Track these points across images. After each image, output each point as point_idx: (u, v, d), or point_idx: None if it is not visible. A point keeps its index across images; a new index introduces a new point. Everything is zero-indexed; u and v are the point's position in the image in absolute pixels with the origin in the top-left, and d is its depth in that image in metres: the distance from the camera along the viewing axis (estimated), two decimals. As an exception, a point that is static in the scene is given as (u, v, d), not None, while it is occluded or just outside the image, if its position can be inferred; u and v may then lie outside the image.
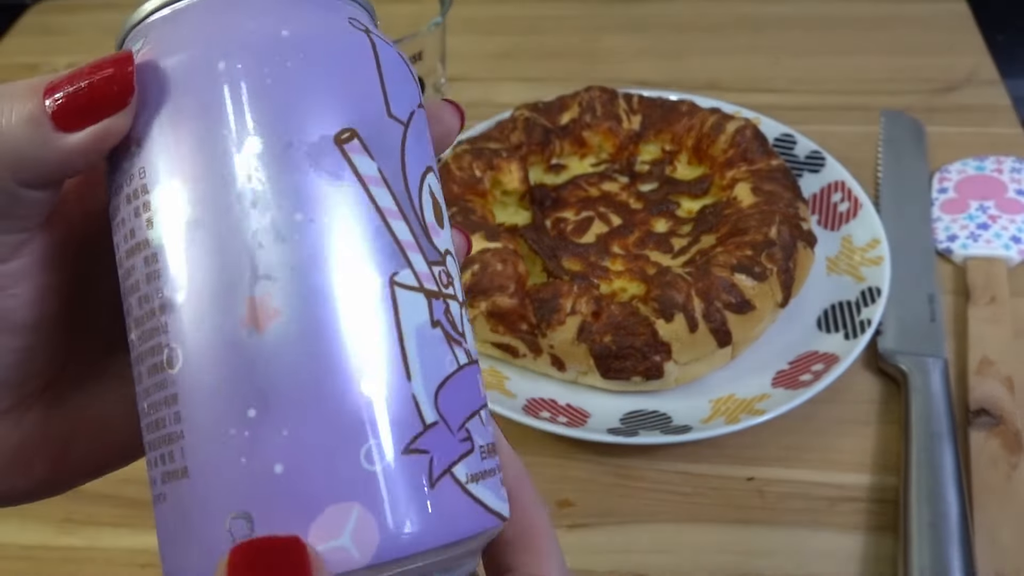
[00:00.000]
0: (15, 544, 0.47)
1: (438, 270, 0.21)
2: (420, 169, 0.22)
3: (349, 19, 0.22)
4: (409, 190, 0.21)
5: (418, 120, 0.23)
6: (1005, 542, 0.43)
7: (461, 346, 0.22)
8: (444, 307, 0.21)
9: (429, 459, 0.20)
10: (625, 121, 0.62)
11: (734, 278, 0.49)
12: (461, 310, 0.22)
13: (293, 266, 0.19)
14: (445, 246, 0.22)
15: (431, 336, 0.21)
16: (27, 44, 0.86)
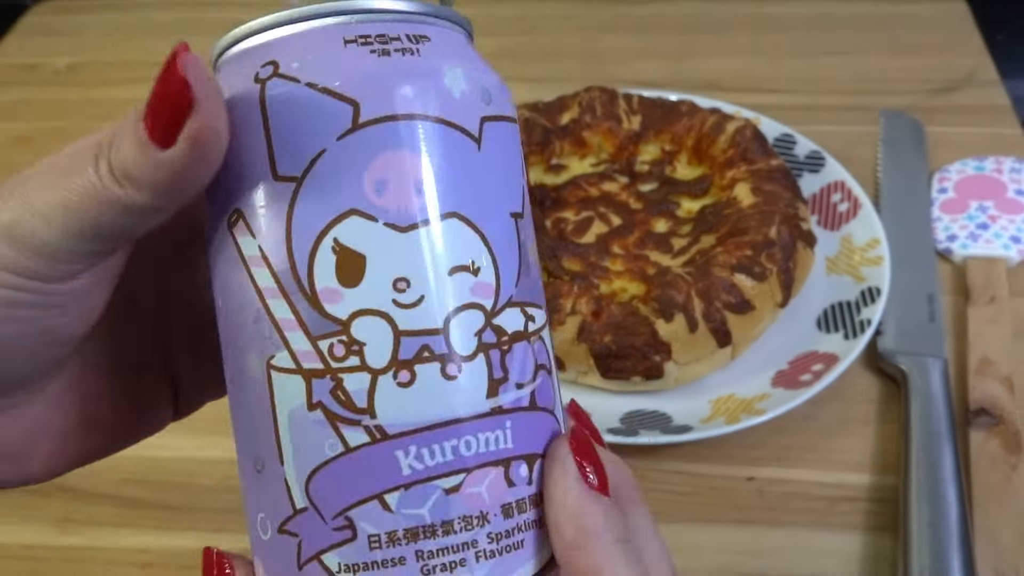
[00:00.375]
0: (16, 544, 0.47)
1: (327, 344, 0.20)
2: (319, 225, 0.20)
3: (259, 69, 0.20)
4: (293, 260, 0.20)
5: (336, 157, 0.20)
6: (1005, 542, 0.43)
7: (358, 425, 0.20)
8: (331, 385, 0.20)
9: (298, 542, 0.20)
10: (625, 121, 0.62)
11: (734, 278, 0.49)
12: (374, 380, 0.20)
13: (216, 351, 0.22)
14: (354, 307, 0.20)
15: (307, 420, 0.20)
16: (27, 44, 0.86)
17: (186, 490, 0.49)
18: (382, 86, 0.20)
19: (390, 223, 0.20)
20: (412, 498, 0.20)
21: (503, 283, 0.21)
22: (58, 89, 0.79)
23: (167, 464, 0.50)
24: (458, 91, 0.21)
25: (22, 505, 0.48)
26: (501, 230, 0.21)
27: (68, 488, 0.49)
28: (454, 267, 0.20)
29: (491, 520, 0.20)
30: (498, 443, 0.20)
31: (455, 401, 0.20)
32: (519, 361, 0.21)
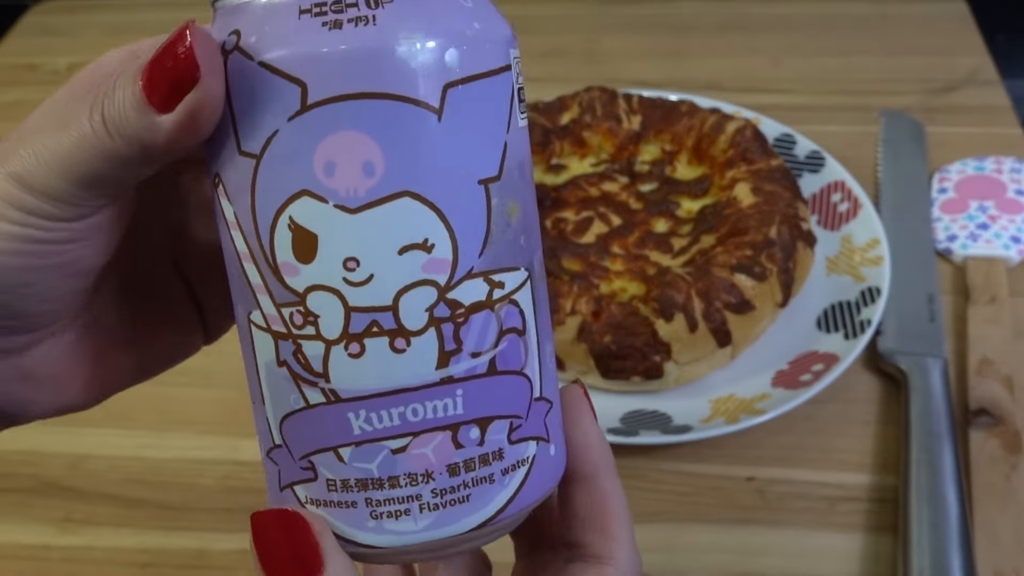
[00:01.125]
0: (15, 544, 0.47)
1: (289, 312, 0.21)
2: (276, 202, 0.20)
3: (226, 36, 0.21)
4: (258, 231, 0.21)
5: (287, 138, 0.20)
6: (1005, 542, 0.43)
7: (315, 386, 0.21)
8: (293, 348, 0.21)
9: (278, 470, 0.23)
10: (625, 121, 0.62)
11: (734, 278, 0.49)
12: (328, 349, 0.21)
13: None
14: (309, 282, 0.21)
15: (277, 373, 0.22)
16: (27, 44, 0.86)
17: (185, 490, 0.49)
18: (329, 65, 0.20)
19: (339, 204, 0.20)
20: (362, 454, 0.21)
21: (462, 256, 0.21)
22: (57, 89, 0.79)
23: (166, 464, 0.50)
24: (415, 62, 0.20)
25: (21, 505, 0.48)
26: (464, 201, 0.21)
27: (67, 488, 0.49)
28: (405, 246, 0.20)
29: (436, 478, 0.22)
30: (447, 410, 0.21)
31: (403, 372, 0.21)
32: (476, 331, 0.21)
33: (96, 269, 0.23)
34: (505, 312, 0.22)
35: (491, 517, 0.22)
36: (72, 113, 0.21)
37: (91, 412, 0.57)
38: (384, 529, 0.22)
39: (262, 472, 0.24)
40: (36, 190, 0.21)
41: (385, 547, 0.22)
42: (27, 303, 0.22)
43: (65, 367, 0.25)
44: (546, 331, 0.24)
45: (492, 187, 0.21)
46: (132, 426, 0.52)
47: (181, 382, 0.55)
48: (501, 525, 0.23)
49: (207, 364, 0.54)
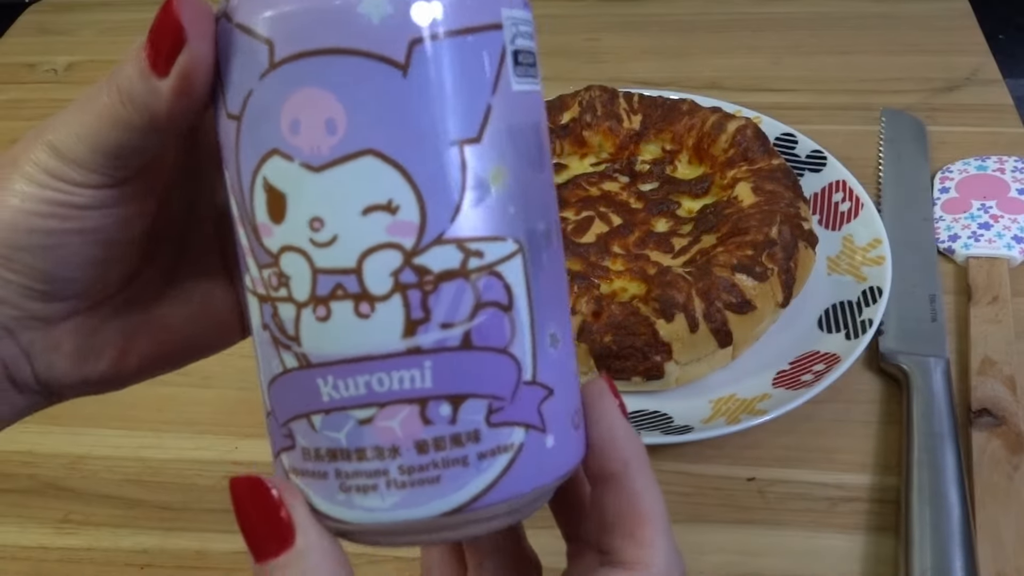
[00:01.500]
0: (14, 545, 0.47)
1: (268, 273, 0.21)
2: (253, 162, 0.21)
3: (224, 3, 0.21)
4: (243, 193, 0.21)
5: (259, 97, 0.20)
6: (1007, 542, 0.43)
7: (290, 350, 0.21)
8: (272, 311, 0.21)
9: (272, 438, 0.23)
10: (625, 120, 0.62)
11: (735, 278, 0.49)
12: (298, 312, 0.21)
13: None
14: (281, 243, 0.21)
15: (263, 337, 0.22)
16: (25, 44, 0.85)
17: (185, 491, 0.48)
18: (293, 22, 0.20)
19: (304, 163, 0.20)
20: (331, 423, 0.21)
21: (430, 220, 0.20)
22: (56, 88, 0.79)
23: (165, 465, 0.50)
24: (378, 16, 0.20)
25: (20, 506, 0.48)
26: (432, 162, 0.20)
27: (66, 489, 0.49)
28: (368, 206, 0.20)
29: (403, 453, 0.21)
30: (414, 382, 0.20)
31: (368, 339, 0.20)
32: (447, 301, 0.20)
33: (124, 241, 0.25)
34: (484, 283, 0.21)
35: (464, 503, 0.21)
36: (98, 89, 0.23)
37: (90, 413, 0.57)
38: (353, 504, 0.21)
39: (262, 472, 0.23)
40: (66, 158, 0.23)
41: (355, 523, 0.22)
42: (57, 267, 0.24)
43: (93, 341, 0.26)
44: (551, 313, 0.22)
45: (468, 149, 0.20)
46: (131, 426, 0.52)
47: (180, 382, 0.54)
48: (479, 515, 0.22)
49: (206, 364, 0.54)
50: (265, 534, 0.22)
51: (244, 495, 0.22)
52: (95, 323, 0.26)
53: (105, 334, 0.26)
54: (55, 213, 0.23)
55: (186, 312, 0.28)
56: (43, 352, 0.25)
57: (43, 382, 0.26)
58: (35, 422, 0.52)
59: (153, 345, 0.27)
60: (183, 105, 0.22)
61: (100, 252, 0.24)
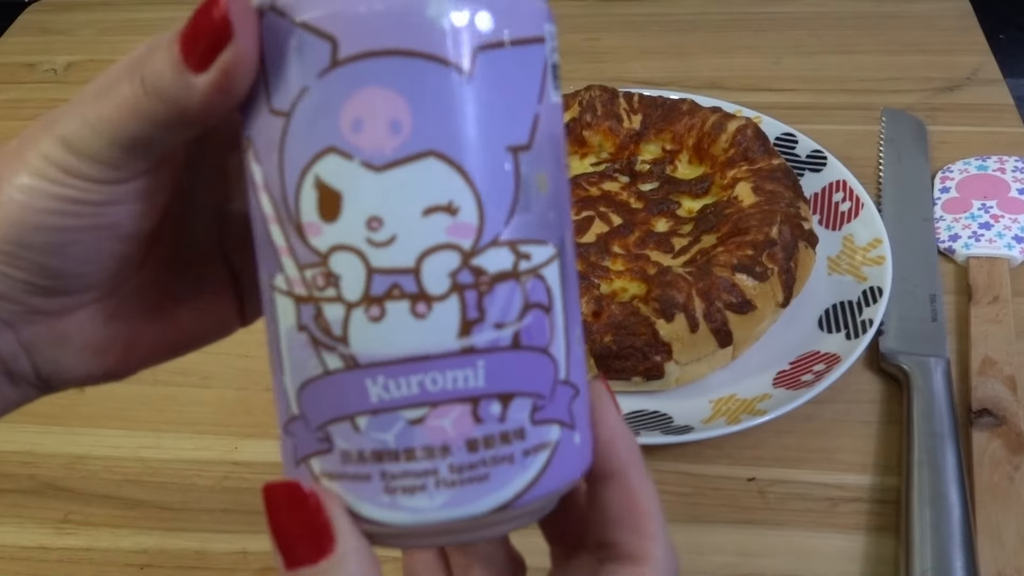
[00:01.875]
0: (13, 545, 0.47)
1: (312, 273, 0.21)
2: (303, 160, 0.20)
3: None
4: (285, 190, 0.21)
5: (317, 95, 0.20)
6: (1008, 542, 0.43)
7: (334, 351, 0.21)
8: (314, 311, 0.21)
9: (294, 443, 0.22)
10: (626, 120, 0.62)
11: (735, 278, 0.49)
12: (348, 312, 0.20)
13: None
14: (332, 242, 0.20)
15: (297, 339, 0.21)
16: (25, 43, 0.85)
17: (184, 491, 0.48)
18: (360, 21, 0.19)
19: (365, 162, 0.20)
20: (379, 424, 0.21)
21: (488, 223, 0.20)
22: (56, 88, 0.79)
23: (165, 465, 0.50)
24: (447, 22, 0.20)
25: (19, 506, 0.48)
26: (491, 166, 0.20)
27: (66, 489, 0.49)
28: (429, 207, 0.20)
29: (454, 452, 0.21)
30: (467, 381, 0.21)
31: (423, 339, 0.20)
32: (501, 301, 0.21)
33: (136, 236, 0.24)
34: (531, 285, 0.21)
35: (509, 500, 0.21)
36: (116, 81, 0.22)
37: (90, 413, 0.57)
38: (398, 505, 0.21)
39: (261, 472, 0.24)
40: (79, 152, 0.21)
41: (399, 524, 0.21)
42: (66, 264, 0.23)
43: (102, 335, 0.26)
44: (574, 314, 0.23)
45: (522, 155, 0.21)
46: (130, 427, 0.52)
47: (179, 382, 0.55)
48: (520, 511, 0.22)
49: (206, 364, 0.54)
50: (301, 540, 0.21)
51: (280, 500, 0.22)
52: (103, 316, 0.26)
53: (113, 327, 0.26)
54: (66, 210, 0.22)
55: (188, 301, 0.27)
56: (49, 346, 0.25)
57: (44, 376, 0.25)
58: (35, 422, 0.52)
59: (158, 335, 0.27)
60: (220, 102, 0.21)
61: (110, 247, 0.24)
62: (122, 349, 0.26)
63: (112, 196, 0.22)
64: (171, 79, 0.21)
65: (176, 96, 0.21)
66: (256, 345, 0.55)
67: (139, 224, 0.24)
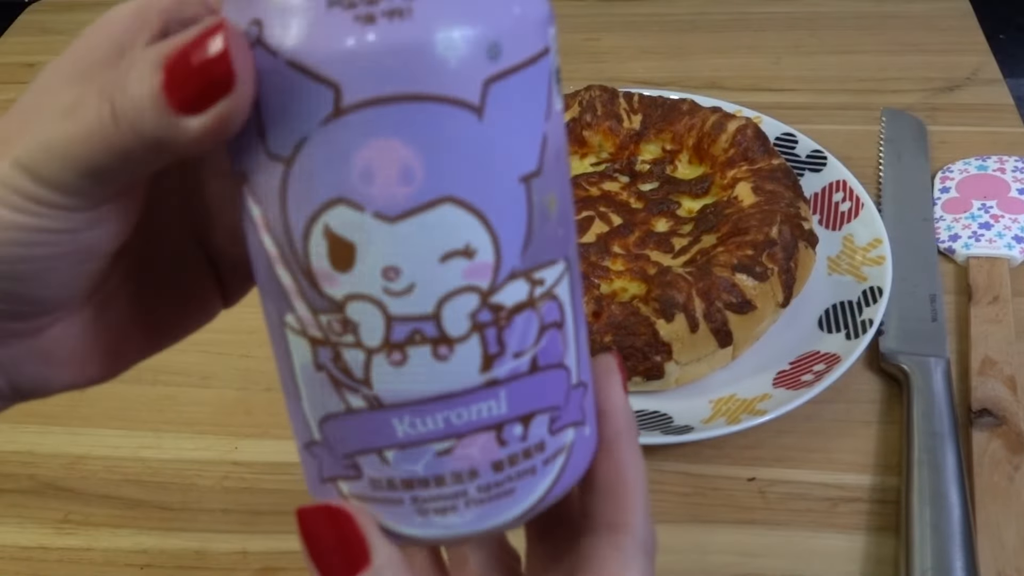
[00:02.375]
0: (13, 545, 0.47)
1: (327, 319, 0.20)
2: (310, 209, 0.19)
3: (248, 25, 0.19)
4: (291, 236, 0.20)
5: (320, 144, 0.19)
6: (1008, 543, 0.43)
7: (357, 392, 0.20)
8: (332, 354, 0.20)
9: (319, 463, 0.22)
10: (626, 120, 0.62)
11: (735, 278, 0.49)
12: (369, 357, 0.20)
13: None
14: (348, 292, 0.20)
15: (315, 377, 0.21)
16: (25, 43, 0.85)
17: (184, 491, 0.48)
18: (364, 65, 0.18)
19: (378, 213, 0.19)
20: (407, 456, 0.21)
21: (504, 258, 0.20)
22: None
23: (165, 465, 0.50)
24: (454, 58, 0.18)
25: (19, 506, 0.48)
26: (505, 201, 0.20)
27: (66, 489, 0.49)
28: (446, 253, 0.19)
29: (481, 475, 0.21)
30: (491, 411, 0.21)
31: (447, 378, 0.20)
32: (519, 332, 0.21)
33: (109, 254, 0.23)
34: (546, 308, 0.21)
35: (533, 506, 0.22)
36: (80, 97, 0.19)
37: (89, 413, 0.57)
38: (431, 524, 0.22)
39: (261, 472, 0.24)
40: (43, 179, 0.20)
41: (431, 539, 0.22)
42: (38, 290, 0.22)
43: (82, 344, 0.25)
44: (581, 315, 0.23)
45: (533, 182, 0.20)
46: (130, 427, 0.52)
47: (179, 382, 0.55)
48: (540, 510, 0.23)
49: (205, 364, 0.54)
50: (336, 558, 0.22)
51: (318, 522, 0.22)
52: (82, 326, 0.24)
53: (94, 335, 0.25)
54: (32, 240, 0.20)
55: (167, 292, 0.27)
56: (30, 364, 0.24)
57: (23, 391, 0.24)
58: (35, 422, 0.52)
59: (141, 333, 0.26)
60: (209, 145, 0.19)
61: (86, 267, 0.22)
62: (106, 354, 0.25)
63: (80, 223, 0.21)
64: (151, 118, 0.18)
65: (156, 137, 0.19)
66: (256, 345, 0.55)
67: (112, 243, 0.22)
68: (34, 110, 0.20)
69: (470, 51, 0.18)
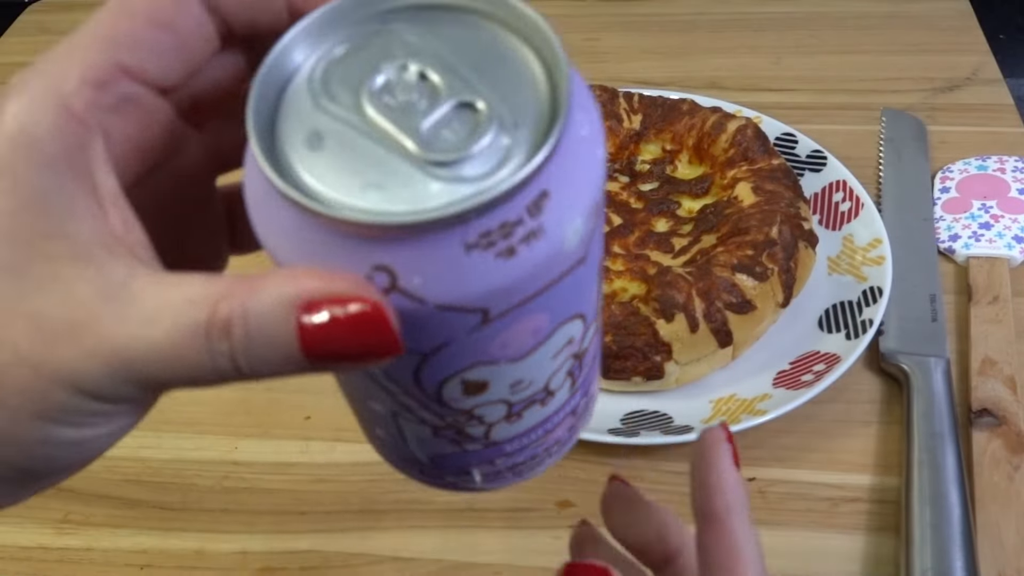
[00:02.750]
0: (13, 545, 0.47)
1: (451, 418, 0.22)
2: (444, 374, 0.20)
3: (371, 271, 0.18)
4: (422, 391, 0.21)
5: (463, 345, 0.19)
6: (1008, 543, 0.43)
7: (476, 442, 0.24)
8: (455, 432, 0.23)
9: (421, 471, 0.26)
10: (626, 120, 0.62)
11: (735, 278, 0.49)
12: (490, 427, 0.23)
13: None
14: (476, 404, 0.22)
15: (432, 438, 0.23)
16: (25, 44, 0.85)
17: (184, 491, 0.48)
18: (511, 290, 0.18)
19: (510, 359, 0.20)
20: (513, 457, 0.25)
21: (589, 328, 0.23)
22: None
23: (165, 465, 0.50)
24: (577, 237, 0.19)
25: (20, 506, 0.48)
26: (594, 295, 0.22)
27: (65, 489, 0.49)
28: (558, 351, 0.22)
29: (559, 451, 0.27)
30: (570, 431, 0.26)
31: (546, 416, 0.24)
32: (587, 366, 0.24)
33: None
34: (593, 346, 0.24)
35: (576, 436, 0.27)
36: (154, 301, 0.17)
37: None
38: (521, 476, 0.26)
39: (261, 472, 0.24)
40: (94, 394, 0.18)
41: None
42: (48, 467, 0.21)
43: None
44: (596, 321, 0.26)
45: (600, 265, 0.22)
46: (130, 426, 0.52)
47: (180, 382, 0.55)
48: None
49: (206, 364, 0.54)
50: None
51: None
52: None
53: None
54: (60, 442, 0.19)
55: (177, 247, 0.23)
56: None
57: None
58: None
59: None
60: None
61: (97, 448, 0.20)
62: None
63: (114, 424, 0.19)
64: (275, 363, 0.17)
65: (268, 373, 0.17)
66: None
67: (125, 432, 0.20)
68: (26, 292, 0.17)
69: (584, 222, 0.19)
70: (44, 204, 0.17)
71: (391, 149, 0.18)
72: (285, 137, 0.18)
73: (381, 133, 0.18)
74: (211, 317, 0.17)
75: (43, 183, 0.17)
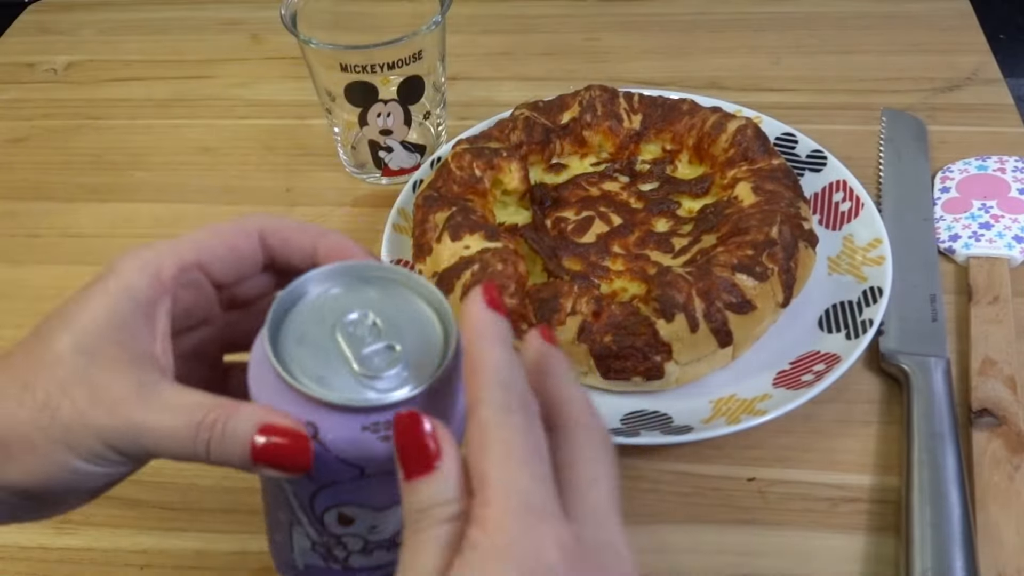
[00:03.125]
0: (13, 545, 0.47)
1: (326, 539, 0.33)
2: (326, 504, 0.32)
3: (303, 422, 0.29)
4: (312, 509, 0.32)
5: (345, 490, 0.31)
6: (1008, 543, 0.43)
7: (338, 563, 0.34)
8: (325, 550, 0.34)
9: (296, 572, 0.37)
10: (626, 120, 0.62)
11: (735, 278, 0.49)
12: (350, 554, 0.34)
13: None
14: (344, 533, 0.33)
15: (311, 552, 0.34)
16: (25, 43, 0.85)
17: (184, 491, 0.48)
18: (381, 461, 0.29)
19: (373, 507, 0.32)
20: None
21: None
22: (55, 88, 0.79)
23: (165, 464, 0.50)
24: None
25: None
26: None
27: (66, 489, 0.49)
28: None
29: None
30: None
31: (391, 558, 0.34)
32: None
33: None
34: None
35: None
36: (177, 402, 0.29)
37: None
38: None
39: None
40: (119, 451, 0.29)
41: None
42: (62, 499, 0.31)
43: None
44: None
45: None
46: (130, 426, 0.52)
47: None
48: None
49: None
50: None
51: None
52: None
53: None
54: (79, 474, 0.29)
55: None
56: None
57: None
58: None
59: None
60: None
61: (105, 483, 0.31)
62: None
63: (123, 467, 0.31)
64: (235, 462, 0.29)
65: (227, 463, 0.29)
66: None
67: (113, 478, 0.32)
68: (94, 371, 0.29)
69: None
70: (123, 323, 0.29)
71: (342, 361, 0.29)
72: (284, 333, 0.30)
73: (340, 349, 0.29)
74: (203, 419, 0.28)
75: (129, 311, 0.29)
